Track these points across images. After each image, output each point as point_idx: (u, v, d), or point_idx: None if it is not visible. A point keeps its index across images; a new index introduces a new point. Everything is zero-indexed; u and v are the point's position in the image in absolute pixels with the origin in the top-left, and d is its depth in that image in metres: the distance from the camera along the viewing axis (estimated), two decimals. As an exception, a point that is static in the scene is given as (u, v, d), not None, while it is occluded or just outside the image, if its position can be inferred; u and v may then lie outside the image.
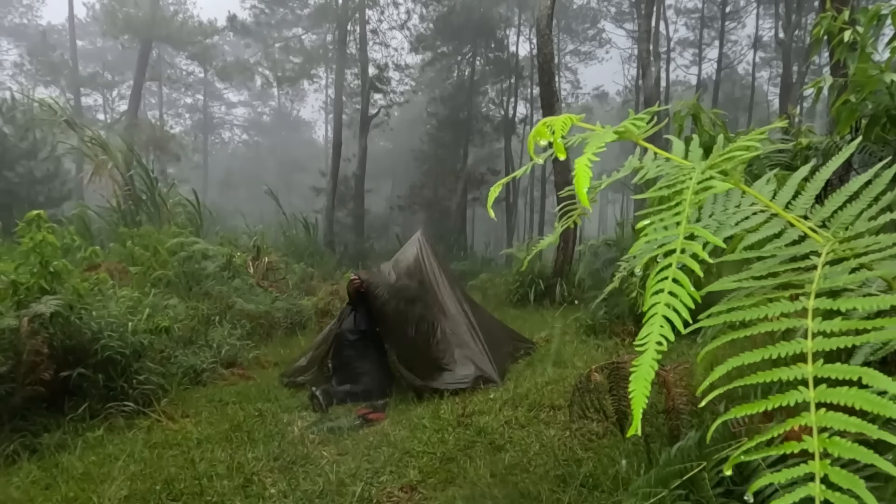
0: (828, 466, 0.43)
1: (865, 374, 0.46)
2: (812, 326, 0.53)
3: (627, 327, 6.01)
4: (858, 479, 0.42)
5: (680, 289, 0.58)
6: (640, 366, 0.56)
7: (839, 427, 0.45)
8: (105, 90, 30.87)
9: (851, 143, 0.76)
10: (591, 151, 0.64)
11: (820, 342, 0.52)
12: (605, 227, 28.62)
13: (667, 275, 0.59)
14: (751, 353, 0.54)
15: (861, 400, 0.45)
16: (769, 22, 26.00)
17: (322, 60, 25.21)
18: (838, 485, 0.42)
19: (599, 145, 0.66)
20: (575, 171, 0.62)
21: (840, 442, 0.44)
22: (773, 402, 0.50)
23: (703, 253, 0.59)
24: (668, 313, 0.56)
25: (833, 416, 0.46)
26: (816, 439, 0.45)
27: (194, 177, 27.92)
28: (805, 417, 0.47)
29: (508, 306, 9.51)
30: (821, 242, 0.64)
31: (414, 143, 25.68)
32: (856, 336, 0.51)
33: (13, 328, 3.64)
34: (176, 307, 5.73)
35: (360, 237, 19.89)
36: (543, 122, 0.69)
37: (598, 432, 3.28)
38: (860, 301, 0.54)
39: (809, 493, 0.43)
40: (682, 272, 0.59)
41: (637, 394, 0.55)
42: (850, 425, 0.45)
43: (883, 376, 0.46)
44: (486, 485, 2.79)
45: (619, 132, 0.73)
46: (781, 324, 0.56)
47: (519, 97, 26.50)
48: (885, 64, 2.27)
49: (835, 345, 0.51)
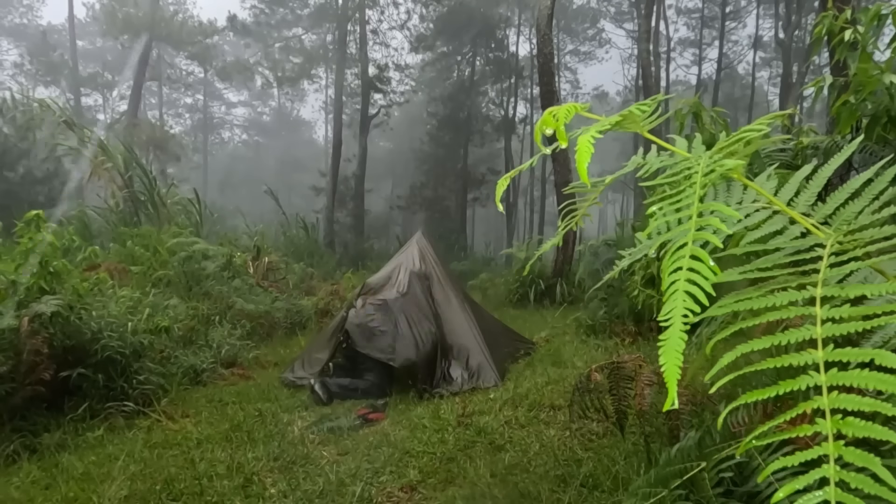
0: (842, 447, 0.44)
1: (877, 356, 0.47)
2: (821, 314, 0.53)
3: (627, 327, 6.01)
4: (874, 457, 0.42)
5: (699, 264, 0.57)
6: (668, 339, 0.55)
7: (853, 407, 0.45)
8: (105, 90, 30.86)
9: (853, 142, 0.76)
10: (594, 130, 0.64)
11: (830, 328, 0.52)
12: (605, 227, 28.61)
13: (684, 253, 0.59)
14: (759, 340, 0.54)
15: (874, 381, 0.45)
16: (769, 22, 26.02)
17: (322, 60, 25.22)
18: (853, 464, 0.43)
19: (603, 127, 0.66)
20: (577, 148, 0.61)
21: (854, 422, 0.44)
22: (784, 387, 0.50)
23: (722, 225, 0.59)
24: (689, 288, 0.56)
25: (846, 398, 0.46)
26: (830, 421, 0.45)
27: (194, 177, 27.94)
28: (817, 401, 0.47)
29: (508, 306, 9.51)
30: (824, 237, 0.64)
31: (414, 143, 25.69)
32: (864, 321, 0.51)
33: (13, 328, 3.64)
34: (176, 307, 5.73)
35: (360, 237, 19.89)
36: (549, 111, 0.68)
37: (598, 432, 3.28)
38: (868, 287, 0.54)
39: (824, 474, 0.43)
40: (700, 249, 0.58)
41: (669, 366, 0.53)
42: (864, 405, 0.45)
43: (894, 356, 0.46)
44: (486, 485, 2.78)
45: (624, 115, 0.73)
46: (790, 311, 0.56)
47: (519, 97, 26.53)
48: (886, 64, 2.27)
49: (844, 330, 0.51)
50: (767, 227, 0.69)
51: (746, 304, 0.59)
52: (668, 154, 0.80)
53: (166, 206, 9.48)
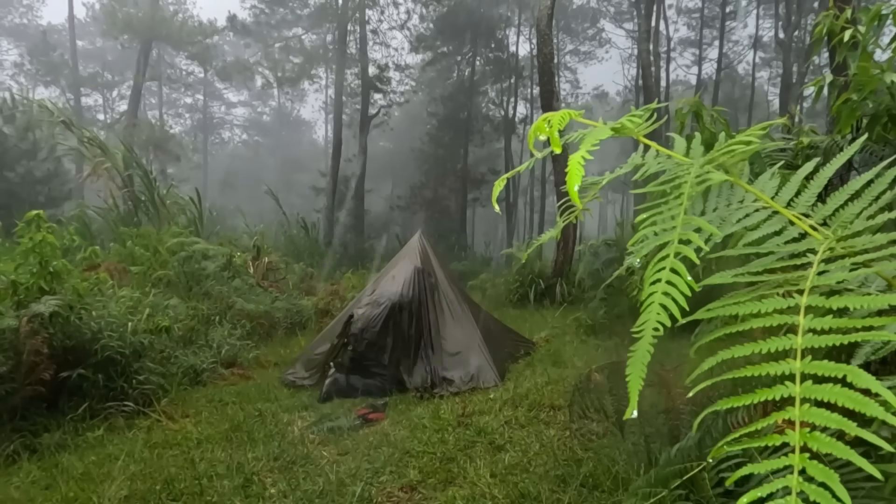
0: (806, 460, 0.44)
1: (850, 373, 0.47)
2: (803, 323, 0.53)
3: (627, 327, 6.00)
4: (833, 473, 0.43)
5: (677, 278, 0.58)
6: (636, 351, 0.57)
7: (820, 423, 0.46)
8: (105, 90, 30.88)
9: (856, 142, 0.76)
10: (585, 148, 0.64)
11: (810, 339, 0.52)
12: (605, 227, 28.62)
13: (665, 265, 0.60)
14: (741, 347, 0.55)
15: (844, 397, 0.46)
16: (769, 22, 26.00)
17: (322, 60, 25.20)
18: (814, 478, 0.44)
19: (594, 142, 0.66)
20: (568, 168, 0.62)
21: (820, 437, 0.45)
22: (759, 396, 0.51)
23: (701, 242, 0.60)
24: (664, 301, 0.57)
25: (816, 412, 0.46)
26: (798, 433, 0.46)
27: (194, 177, 27.92)
28: (789, 412, 0.47)
29: (508, 306, 9.50)
30: (819, 240, 0.64)
31: (414, 143, 25.67)
32: (845, 335, 0.51)
33: (13, 328, 3.64)
34: (176, 307, 5.73)
35: (360, 237, 19.88)
36: (543, 118, 0.69)
37: (598, 432, 3.28)
38: (852, 300, 0.54)
39: (787, 483, 0.44)
40: (679, 262, 0.59)
41: (633, 377, 0.56)
42: (831, 421, 0.45)
43: (868, 375, 0.46)
44: (486, 485, 2.78)
45: (616, 128, 0.73)
46: (773, 319, 0.56)
47: (519, 97, 26.51)
48: (887, 64, 2.26)
49: (825, 342, 0.52)
50: (766, 227, 0.69)
51: (734, 309, 0.59)
52: (665, 156, 0.80)
53: (166, 206, 9.48)
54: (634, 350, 0.57)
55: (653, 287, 0.59)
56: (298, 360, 5.40)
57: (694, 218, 0.65)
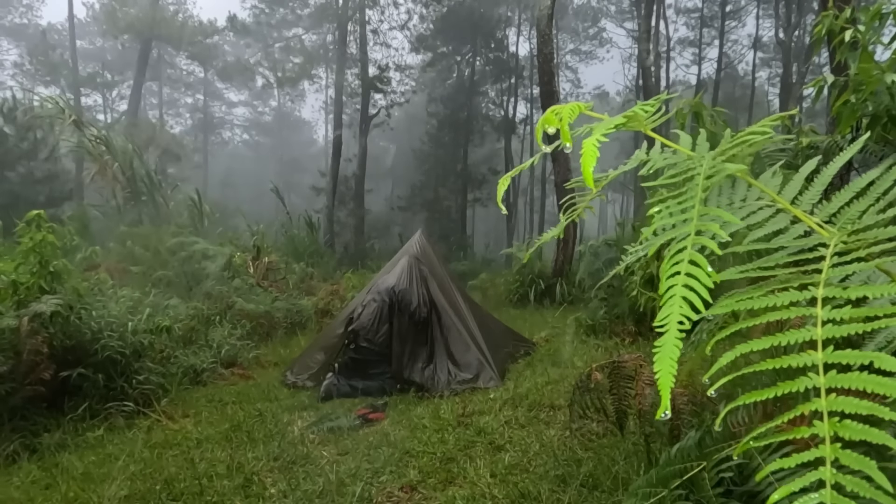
0: (839, 450, 0.43)
1: (877, 358, 0.46)
2: (822, 315, 0.52)
3: (627, 327, 6.00)
4: (870, 461, 0.42)
5: (697, 269, 0.57)
6: (663, 345, 0.55)
7: (850, 410, 0.45)
8: (105, 90, 30.82)
9: (858, 141, 0.75)
10: (599, 132, 0.64)
11: (830, 329, 0.51)
12: (606, 227, 28.60)
13: (682, 257, 0.58)
14: (759, 340, 0.54)
15: (873, 383, 0.45)
16: (769, 22, 25.98)
17: (322, 60, 25.21)
18: (850, 467, 0.43)
19: (609, 128, 0.65)
20: (583, 151, 0.61)
21: (851, 424, 0.44)
22: (783, 388, 0.50)
23: (722, 232, 0.59)
24: (686, 294, 0.55)
25: (844, 400, 0.46)
26: (827, 423, 0.45)
27: (194, 176, 27.87)
28: (815, 403, 0.46)
29: (508, 306, 9.50)
30: (828, 236, 0.63)
31: (414, 143, 25.67)
32: (865, 323, 0.50)
33: (13, 328, 3.64)
34: (176, 307, 5.74)
35: (360, 237, 19.88)
36: (552, 110, 0.68)
37: (598, 432, 3.28)
38: (870, 289, 0.53)
39: (820, 476, 0.43)
40: (698, 254, 0.58)
41: (664, 374, 0.53)
42: (862, 408, 0.44)
43: (894, 360, 0.46)
44: (486, 485, 2.78)
45: (629, 117, 0.73)
46: (791, 312, 0.55)
47: (519, 97, 26.49)
48: (887, 64, 2.27)
49: (845, 332, 0.51)
50: (771, 225, 0.69)
51: (746, 304, 0.58)
52: (671, 152, 0.80)
53: (167, 206, 9.48)
54: (660, 345, 0.55)
55: (671, 280, 0.57)
56: (298, 361, 5.40)
57: (711, 209, 0.64)
